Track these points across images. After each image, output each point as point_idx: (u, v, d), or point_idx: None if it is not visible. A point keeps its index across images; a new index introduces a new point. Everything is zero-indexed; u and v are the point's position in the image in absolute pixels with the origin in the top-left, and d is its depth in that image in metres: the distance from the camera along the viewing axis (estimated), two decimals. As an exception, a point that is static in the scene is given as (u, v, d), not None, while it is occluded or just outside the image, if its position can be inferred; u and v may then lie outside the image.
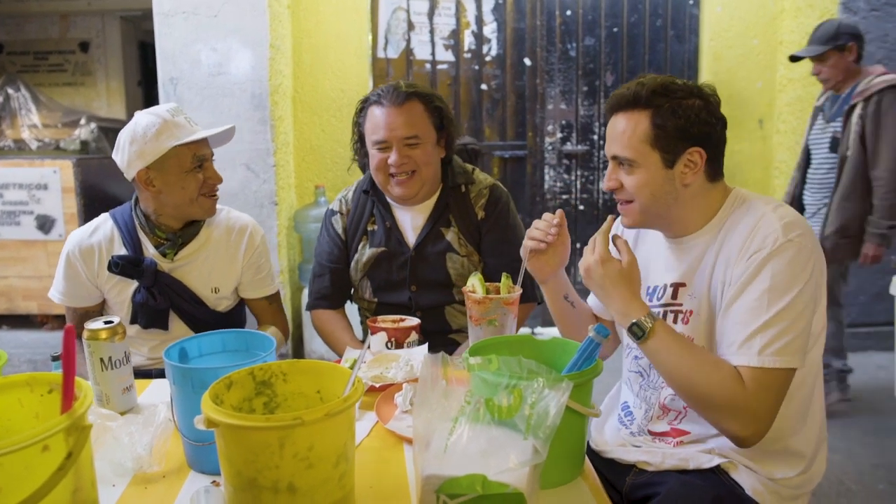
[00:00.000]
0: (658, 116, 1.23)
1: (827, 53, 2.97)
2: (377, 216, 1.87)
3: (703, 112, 1.24)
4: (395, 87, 1.75)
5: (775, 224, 1.18)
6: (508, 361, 0.96)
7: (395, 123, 1.72)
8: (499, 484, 0.81)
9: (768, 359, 1.12)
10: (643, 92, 1.24)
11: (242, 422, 0.83)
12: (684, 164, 1.25)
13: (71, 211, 3.63)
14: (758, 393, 1.11)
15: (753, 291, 1.15)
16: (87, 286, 1.73)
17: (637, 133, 1.25)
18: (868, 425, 2.82)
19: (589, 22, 3.94)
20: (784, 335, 1.13)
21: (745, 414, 1.11)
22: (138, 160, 1.61)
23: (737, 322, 1.16)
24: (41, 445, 0.78)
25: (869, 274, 3.70)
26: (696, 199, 1.29)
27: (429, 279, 1.82)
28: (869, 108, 2.86)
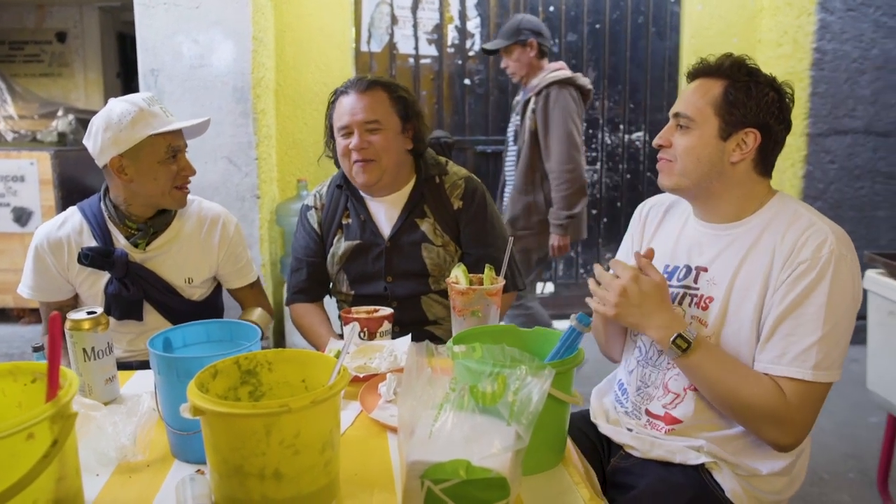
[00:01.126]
0: (732, 87, 1.25)
1: (510, 47, 3.07)
2: (351, 209, 1.88)
3: (773, 105, 1.26)
4: (360, 77, 1.80)
5: (829, 236, 1.19)
6: (492, 350, 0.97)
7: (357, 108, 1.76)
8: (482, 469, 0.82)
9: (821, 374, 1.15)
10: (727, 62, 1.28)
11: (229, 409, 0.84)
12: (737, 141, 1.26)
13: (49, 203, 3.59)
14: (802, 405, 1.16)
15: (811, 305, 1.17)
16: (58, 280, 1.72)
17: (707, 96, 1.27)
18: (840, 417, 2.89)
19: (571, 18, 3.96)
20: (834, 350, 1.16)
21: (789, 425, 1.16)
22: (112, 147, 1.60)
23: (790, 334, 1.17)
24: (26, 433, 0.78)
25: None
26: (740, 185, 1.29)
27: (404, 270, 1.83)
28: (539, 102, 2.96)
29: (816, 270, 1.17)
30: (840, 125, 3.70)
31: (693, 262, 1.34)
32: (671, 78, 4.05)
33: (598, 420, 1.41)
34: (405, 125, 1.80)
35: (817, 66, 3.64)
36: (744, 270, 1.25)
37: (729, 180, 1.28)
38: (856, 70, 3.66)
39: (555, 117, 2.92)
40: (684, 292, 1.33)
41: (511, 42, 3.05)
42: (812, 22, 3.61)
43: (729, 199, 1.30)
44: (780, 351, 1.18)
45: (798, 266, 1.18)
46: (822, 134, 3.70)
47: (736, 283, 1.26)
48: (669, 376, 1.31)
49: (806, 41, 3.64)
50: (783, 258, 1.20)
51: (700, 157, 1.27)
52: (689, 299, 1.33)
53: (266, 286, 3.38)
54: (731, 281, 1.26)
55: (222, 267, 1.82)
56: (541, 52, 3.06)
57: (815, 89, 3.65)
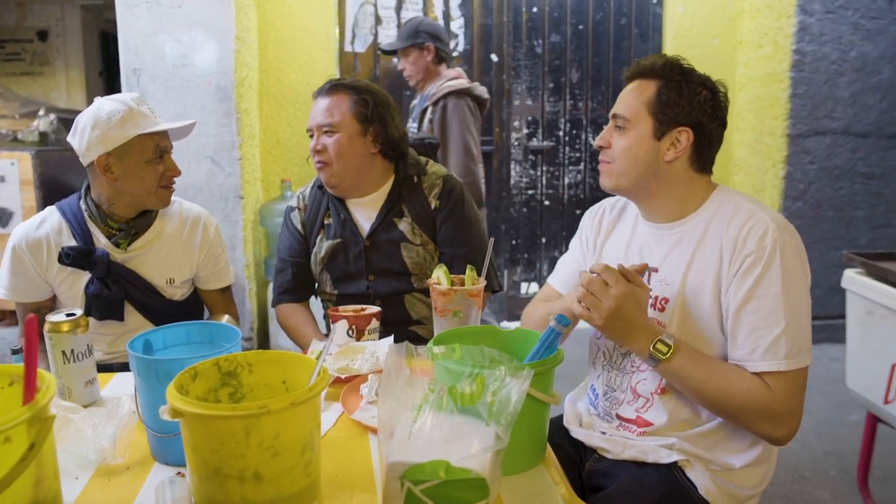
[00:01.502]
0: (665, 87, 1.28)
1: (407, 50, 3.02)
2: (332, 209, 1.89)
3: (707, 103, 1.28)
4: (332, 80, 1.81)
5: (770, 225, 1.21)
6: (471, 350, 0.98)
7: (318, 111, 1.78)
8: (462, 469, 0.83)
9: (793, 361, 1.17)
10: (660, 63, 1.30)
11: (208, 411, 0.84)
12: (671, 140, 1.28)
13: (30, 204, 3.55)
14: (788, 395, 1.17)
15: (767, 297, 1.18)
16: (36, 280, 1.70)
17: (641, 97, 1.30)
18: (821, 415, 2.93)
19: (555, 19, 3.98)
20: (800, 335, 1.18)
21: (779, 416, 1.17)
22: (99, 145, 1.59)
23: (755, 328, 1.18)
24: (3, 437, 0.77)
25: (824, 268, 3.83)
26: (677, 183, 1.31)
27: (385, 269, 1.84)
28: (436, 113, 2.92)
29: (763, 261, 1.19)
30: (820, 126, 3.75)
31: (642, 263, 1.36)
32: (654, 79, 4.08)
33: (571, 425, 1.41)
34: (366, 128, 1.78)
35: (797, 68, 3.68)
36: (694, 268, 1.27)
37: (665, 179, 1.31)
38: (835, 72, 3.71)
39: (452, 128, 2.88)
40: None
41: (408, 44, 3.00)
42: (792, 24, 3.66)
43: (668, 198, 1.32)
44: (750, 347, 1.19)
45: (745, 259, 1.20)
46: (802, 135, 3.74)
47: (688, 281, 1.27)
48: (637, 380, 1.33)
49: (786, 43, 3.69)
50: (730, 252, 1.23)
51: (636, 156, 1.30)
52: None
53: (250, 287, 3.37)
54: (682, 280, 1.28)
55: (202, 268, 1.82)
56: (439, 57, 3.01)
57: (795, 90, 3.70)
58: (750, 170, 3.97)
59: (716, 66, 4.00)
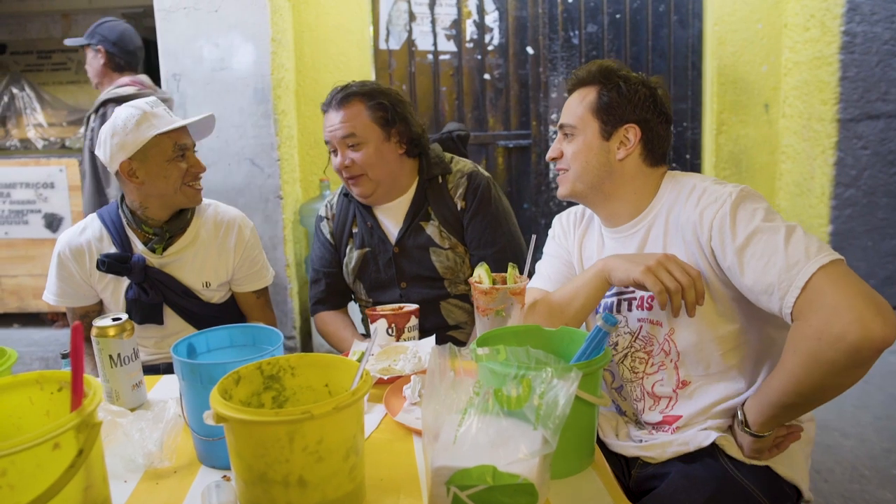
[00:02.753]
0: (605, 90, 1.33)
1: (85, 48, 2.91)
2: (358, 217, 1.86)
3: (647, 100, 1.32)
4: (338, 89, 1.75)
5: (722, 189, 1.22)
6: (516, 351, 0.95)
7: (335, 124, 1.73)
8: (509, 475, 0.81)
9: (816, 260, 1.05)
10: (595, 69, 1.35)
11: (251, 416, 0.83)
12: (620, 139, 1.32)
13: (78, 209, 3.64)
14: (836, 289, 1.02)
15: (757, 237, 1.13)
16: (82, 286, 1.74)
17: (584, 103, 1.35)
18: (880, 410, 2.81)
19: (591, 9, 3.91)
20: (810, 239, 1.10)
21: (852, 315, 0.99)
22: (120, 152, 1.62)
23: (767, 262, 1.10)
24: (52, 443, 0.78)
25: (878, 257, 3.68)
26: (632, 179, 1.34)
27: (416, 275, 1.80)
28: (96, 121, 2.78)
29: (728, 215, 1.17)
30: (872, 109, 3.60)
31: None
32: (695, 66, 3.98)
33: (608, 438, 1.38)
34: (389, 132, 1.74)
35: (847, 50, 3.53)
36: None
37: (620, 178, 1.34)
38: (888, 52, 3.55)
39: None
40: (618, 299, 1.36)
41: (83, 43, 2.91)
42: (840, 4, 3.51)
43: (624, 197, 1.35)
44: (774, 281, 1.08)
45: (712, 228, 1.19)
46: (854, 119, 3.60)
47: None
48: (651, 382, 1.32)
49: (834, 24, 3.54)
50: (693, 233, 1.22)
51: (588, 159, 1.34)
52: (626, 304, 1.35)
53: (291, 286, 3.40)
54: None
55: (237, 270, 1.82)
56: (114, 63, 2.90)
57: (844, 73, 3.55)
58: (798, 157, 3.84)
59: (759, 50, 3.88)
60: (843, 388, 1.08)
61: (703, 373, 1.28)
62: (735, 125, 3.96)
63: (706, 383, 1.28)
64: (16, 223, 3.70)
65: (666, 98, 1.35)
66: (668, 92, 1.37)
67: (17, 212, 3.69)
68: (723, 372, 1.27)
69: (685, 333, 1.27)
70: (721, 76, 3.90)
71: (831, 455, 2.48)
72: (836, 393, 1.09)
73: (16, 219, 3.69)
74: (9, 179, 3.67)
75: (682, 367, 1.29)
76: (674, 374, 1.29)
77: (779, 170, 4.00)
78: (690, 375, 1.29)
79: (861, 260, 3.70)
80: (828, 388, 1.07)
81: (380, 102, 1.73)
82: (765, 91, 3.93)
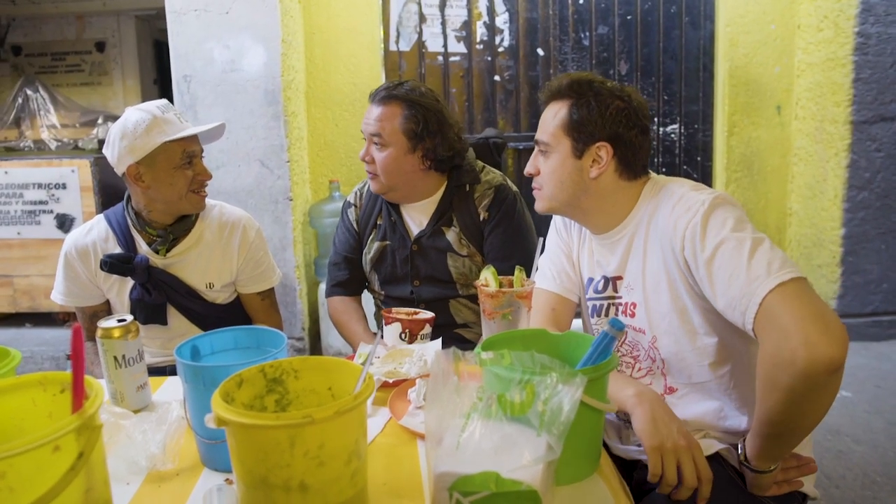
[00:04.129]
0: (576, 106, 1.29)
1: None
2: (384, 210, 1.87)
3: (620, 114, 1.28)
4: (387, 84, 1.76)
5: (697, 196, 1.19)
6: (521, 356, 0.94)
7: (370, 118, 1.74)
8: (512, 482, 0.80)
9: (776, 276, 1.03)
10: (566, 82, 1.31)
11: (252, 420, 0.82)
12: (592, 157, 1.29)
13: (90, 210, 3.66)
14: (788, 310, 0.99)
15: (723, 249, 1.10)
16: (88, 286, 1.75)
17: (556, 119, 1.31)
18: (892, 416, 2.77)
19: (602, 10, 3.89)
20: (774, 254, 1.07)
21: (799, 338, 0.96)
22: (128, 155, 1.62)
23: (730, 280, 1.08)
24: (52, 446, 0.78)
25: (893, 262, 3.64)
26: (611, 196, 1.31)
27: (429, 276, 1.81)
28: None
29: (699, 223, 1.14)
30: (887, 111, 3.56)
31: (608, 273, 1.36)
32: (706, 68, 3.95)
33: (612, 440, 1.37)
34: (415, 145, 1.72)
35: (860, 51, 3.49)
36: (649, 268, 1.26)
37: (595, 194, 1.31)
38: (903, 53, 3.51)
39: None
40: (608, 303, 1.36)
41: None
42: (854, 4, 3.47)
43: (602, 210, 1.32)
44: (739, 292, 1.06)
45: (685, 235, 1.16)
46: (867, 121, 3.56)
47: (647, 282, 1.26)
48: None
49: (848, 25, 3.51)
50: (669, 240, 1.20)
51: (561, 178, 1.31)
52: (613, 309, 1.35)
53: (300, 288, 3.40)
54: (642, 282, 1.27)
55: (241, 272, 1.82)
56: None
57: (858, 75, 3.51)
58: (810, 159, 3.80)
59: (772, 52, 3.84)
60: (812, 416, 1.04)
61: (687, 381, 1.28)
62: (747, 127, 3.92)
63: (692, 391, 1.28)
64: (28, 223, 3.72)
65: (642, 107, 1.31)
66: (643, 100, 1.32)
67: (29, 212, 3.72)
68: (707, 383, 1.26)
69: (666, 342, 1.26)
70: (733, 78, 3.87)
71: (843, 461, 2.45)
72: (808, 420, 1.05)
73: (28, 219, 3.72)
74: (22, 180, 3.69)
75: (668, 375, 1.29)
76: (661, 380, 1.30)
77: (791, 172, 3.96)
78: (677, 383, 1.29)
79: (874, 263, 3.66)
80: (797, 414, 1.03)
81: (415, 115, 1.71)
82: (777, 93, 3.90)
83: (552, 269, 1.48)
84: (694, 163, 4.03)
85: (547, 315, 1.41)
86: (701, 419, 1.26)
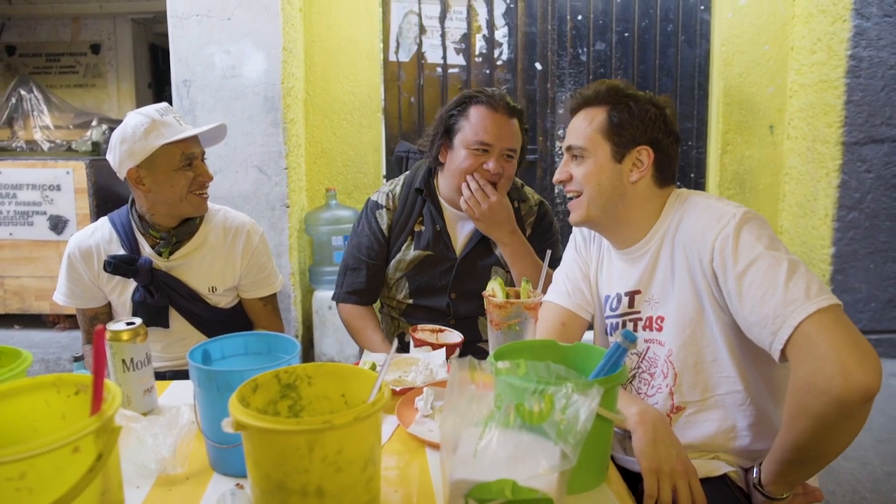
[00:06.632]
0: (615, 111, 1.29)
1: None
2: (427, 217, 1.84)
3: (658, 120, 1.29)
4: (503, 97, 1.75)
5: (724, 210, 1.19)
6: (536, 366, 0.95)
7: (505, 133, 1.72)
8: (528, 489, 0.81)
9: (815, 302, 1.03)
10: (603, 89, 1.32)
11: (272, 425, 0.83)
12: (633, 161, 1.29)
13: (84, 212, 3.65)
14: (825, 338, 1.00)
15: (758, 265, 1.10)
16: (91, 288, 1.75)
17: (593, 124, 1.31)
18: (881, 433, 2.81)
19: (600, 26, 3.94)
20: (811, 278, 1.07)
21: (836, 367, 0.98)
22: (128, 159, 1.62)
23: (763, 298, 1.08)
24: (72, 447, 0.78)
25: (880, 280, 3.69)
26: (644, 202, 1.31)
27: (470, 289, 1.80)
28: None
29: (731, 238, 1.14)
30: (877, 133, 3.62)
31: (623, 289, 1.35)
32: (701, 86, 4.01)
33: (616, 452, 1.38)
34: (522, 155, 1.81)
35: (853, 74, 3.56)
36: (677, 282, 1.25)
37: (632, 201, 1.30)
38: (893, 77, 3.58)
39: None
40: (625, 320, 1.35)
41: None
42: (847, 28, 3.55)
43: (634, 221, 1.32)
44: (771, 313, 1.06)
45: (714, 248, 1.16)
46: (858, 143, 3.62)
47: (679, 292, 1.25)
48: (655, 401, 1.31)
49: (840, 48, 3.58)
50: (697, 253, 1.20)
51: (601, 182, 1.30)
52: (631, 325, 1.34)
53: (295, 295, 3.39)
54: (673, 294, 1.26)
55: (244, 277, 1.82)
56: None
57: (850, 97, 3.58)
58: (802, 179, 3.85)
59: (766, 72, 3.91)
60: (840, 443, 1.06)
61: (701, 397, 1.27)
62: (740, 145, 3.98)
63: (704, 409, 1.27)
64: (21, 224, 3.69)
65: (674, 117, 1.33)
66: (675, 111, 1.35)
67: (22, 213, 3.69)
68: (721, 398, 1.26)
69: (684, 354, 1.26)
70: (727, 97, 3.92)
71: (832, 477, 2.48)
72: (836, 448, 1.07)
73: (21, 220, 3.69)
74: (15, 181, 3.67)
75: (676, 393, 1.29)
76: (668, 400, 1.29)
77: (782, 191, 4.02)
78: (690, 399, 1.28)
79: (863, 282, 3.71)
80: (825, 441, 1.05)
81: (525, 128, 1.80)
82: (770, 112, 3.96)
83: (567, 285, 1.48)
84: (687, 179, 4.08)
85: (556, 329, 1.41)
86: (711, 440, 1.26)
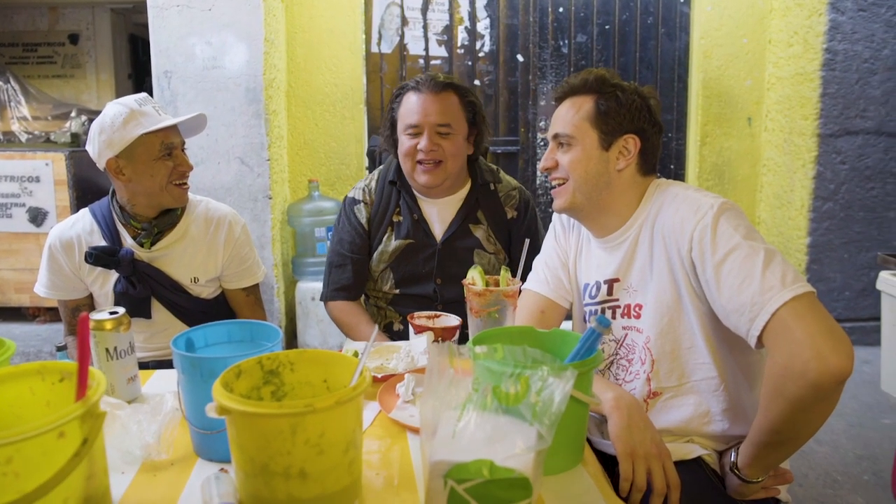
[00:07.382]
0: (602, 99, 1.32)
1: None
2: (403, 207, 1.86)
3: (643, 110, 1.33)
4: (432, 77, 1.78)
5: (704, 199, 1.22)
6: (513, 351, 0.98)
7: (430, 110, 1.74)
8: (505, 469, 0.83)
9: (790, 289, 1.06)
10: (591, 78, 1.34)
11: (255, 409, 0.85)
12: (619, 149, 1.32)
13: (63, 204, 3.62)
14: (801, 324, 1.04)
15: (735, 254, 1.13)
16: (72, 279, 1.75)
17: (580, 113, 1.33)
18: (853, 418, 2.88)
19: (581, 19, 3.97)
20: (787, 266, 1.11)
21: (811, 352, 1.01)
22: (107, 149, 1.62)
23: (741, 286, 1.11)
24: (57, 432, 0.79)
25: (854, 270, 3.77)
26: (627, 190, 1.34)
27: (455, 273, 1.82)
28: None
29: (709, 227, 1.17)
30: (851, 126, 3.69)
31: (602, 277, 1.38)
32: (681, 79, 4.05)
33: (594, 435, 1.40)
34: (471, 131, 1.81)
35: (828, 67, 3.63)
36: (655, 268, 1.28)
37: (616, 189, 1.33)
38: (867, 70, 3.65)
39: None
40: (604, 307, 1.37)
41: None
42: (823, 22, 3.61)
43: (616, 209, 1.35)
44: (748, 300, 1.09)
45: (692, 238, 1.19)
46: (833, 135, 3.69)
47: (658, 281, 1.28)
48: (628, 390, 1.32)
49: (816, 41, 3.64)
50: (675, 242, 1.22)
51: (587, 169, 1.32)
52: (609, 312, 1.37)
53: (278, 286, 3.40)
54: (652, 282, 1.29)
55: (226, 267, 1.83)
56: None
57: (825, 90, 3.64)
58: (779, 170, 3.92)
59: (744, 65, 3.96)
60: (814, 425, 1.10)
61: (677, 382, 1.31)
62: (719, 137, 4.03)
63: (679, 394, 1.30)
64: (-1, 216, 3.66)
65: (658, 108, 1.36)
66: (659, 101, 1.38)
67: (0, 205, 3.65)
68: (696, 384, 1.29)
69: (661, 342, 1.29)
70: (706, 89, 3.97)
71: (806, 461, 2.54)
72: (810, 429, 1.11)
73: (-1, 212, 3.66)
74: (-8, 172, 3.63)
75: (653, 379, 1.32)
76: (646, 386, 1.32)
77: (760, 182, 4.09)
78: (666, 384, 1.31)
79: (837, 272, 3.79)
80: (800, 423, 1.09)
81: (471, 101, 1.80)
82: (748, 105, 4.02)
83: (546, 273, 1.50)
84: (667, 171, 4.13)
85: (535, 316, 1.44)
86: (686, 424, 1.29)
